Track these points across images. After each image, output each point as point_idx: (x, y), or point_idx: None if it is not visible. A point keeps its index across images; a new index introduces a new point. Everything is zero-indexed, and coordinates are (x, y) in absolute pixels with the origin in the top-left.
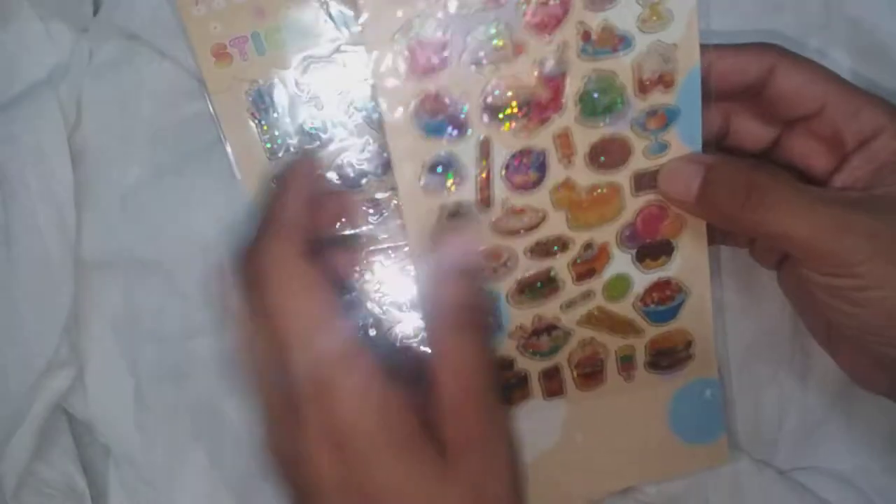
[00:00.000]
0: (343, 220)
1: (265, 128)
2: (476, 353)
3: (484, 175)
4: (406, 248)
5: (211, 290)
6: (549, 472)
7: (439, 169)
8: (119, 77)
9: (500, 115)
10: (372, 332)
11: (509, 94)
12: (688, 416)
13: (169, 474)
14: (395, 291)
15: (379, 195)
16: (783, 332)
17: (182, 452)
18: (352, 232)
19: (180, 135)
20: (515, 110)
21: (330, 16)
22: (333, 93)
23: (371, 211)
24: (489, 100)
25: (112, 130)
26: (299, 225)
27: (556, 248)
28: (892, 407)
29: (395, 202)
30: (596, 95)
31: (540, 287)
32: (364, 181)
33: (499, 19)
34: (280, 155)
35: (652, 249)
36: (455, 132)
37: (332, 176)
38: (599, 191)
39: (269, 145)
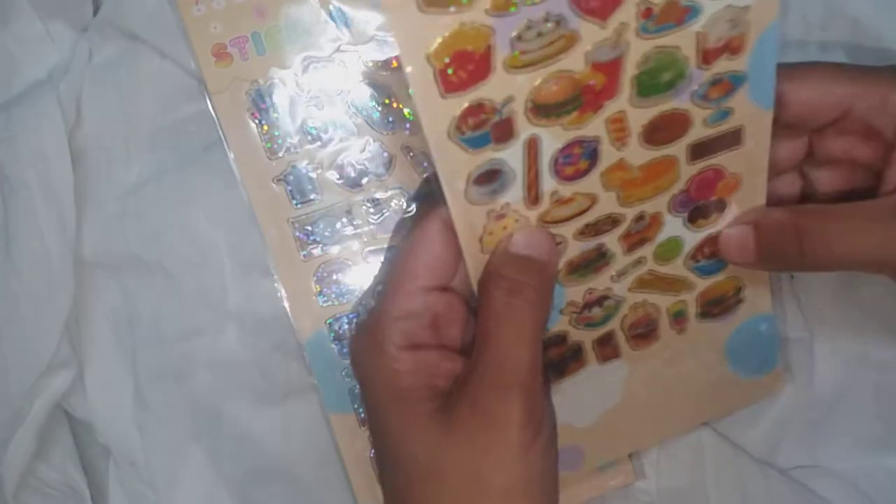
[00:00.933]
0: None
1: (265, 128)
2: (520, 320)
3: (532, 173)
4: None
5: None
6: (617, 427)
7: (485, 180)
8: (119, 77)
9: (549, 112)
10: None
11: (559, 89)
12: (746, 352)
13: (169, 474)
14: None
15: (379, 195)
16: (785, 332)
17: (182, 452)
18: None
19: (180, 135)
20: (566, 104)
21: (330, 15)
22: (334, 93)
23: (372, 210)
24: (537, 99)
25: (112, 130)
26: (412, 311)
27: (606, 226)
28: (893, 407)
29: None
30: (655, 74)
31: (591, 263)
32: (365, 181)
33: (549, 12)
34: (280, 155)
35: (704, 209)
36: (499, 141)
37: (332, 175)
38: (653, 166)
39: (269, 145)
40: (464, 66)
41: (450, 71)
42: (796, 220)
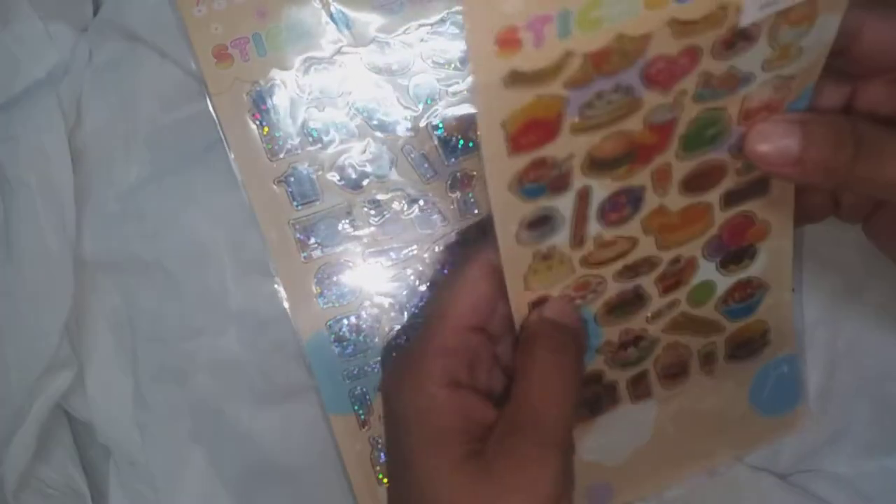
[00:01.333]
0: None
1: (266, 129)
2: (564, 378)
3: (579, 219)
4: (405, 251)
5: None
6: (646, 464)
7: (536, 224)
8: (119, 77)
9: (604, 167)
10: (376, 340)
11: (616, 147)
12: (767, 392)
13: (169, 474)
14: (396, 292)
15: (380, 196)
16: None
17: (182, 452)
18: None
19: (180, 135)
20: (620, 160)
21: (331, 17)
22: (335, 94)
23: (373, 212)
24: (594, 155)
25: (112, 130)
26: (453, 348)
27: (644, 268)
28: (893, 408)
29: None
30: (702, 131)
31: (628, 304)
32: (365, 182)
33: (619, 83)
34: (281, 156)
35: (736, 255)
36: (554, 192)
37: (333, 177)
38: (690, 211)
39: (269, 146)
40: (534, 131)
41: (520, 136)
42: (856, 125)
